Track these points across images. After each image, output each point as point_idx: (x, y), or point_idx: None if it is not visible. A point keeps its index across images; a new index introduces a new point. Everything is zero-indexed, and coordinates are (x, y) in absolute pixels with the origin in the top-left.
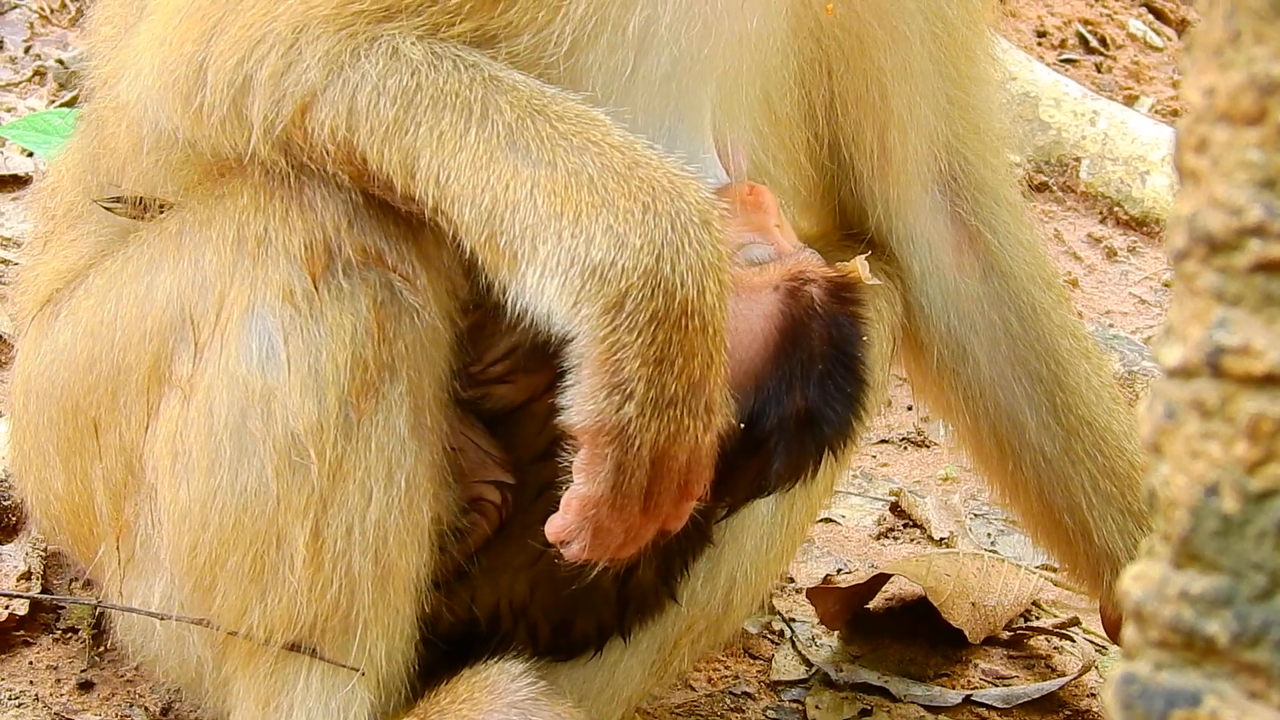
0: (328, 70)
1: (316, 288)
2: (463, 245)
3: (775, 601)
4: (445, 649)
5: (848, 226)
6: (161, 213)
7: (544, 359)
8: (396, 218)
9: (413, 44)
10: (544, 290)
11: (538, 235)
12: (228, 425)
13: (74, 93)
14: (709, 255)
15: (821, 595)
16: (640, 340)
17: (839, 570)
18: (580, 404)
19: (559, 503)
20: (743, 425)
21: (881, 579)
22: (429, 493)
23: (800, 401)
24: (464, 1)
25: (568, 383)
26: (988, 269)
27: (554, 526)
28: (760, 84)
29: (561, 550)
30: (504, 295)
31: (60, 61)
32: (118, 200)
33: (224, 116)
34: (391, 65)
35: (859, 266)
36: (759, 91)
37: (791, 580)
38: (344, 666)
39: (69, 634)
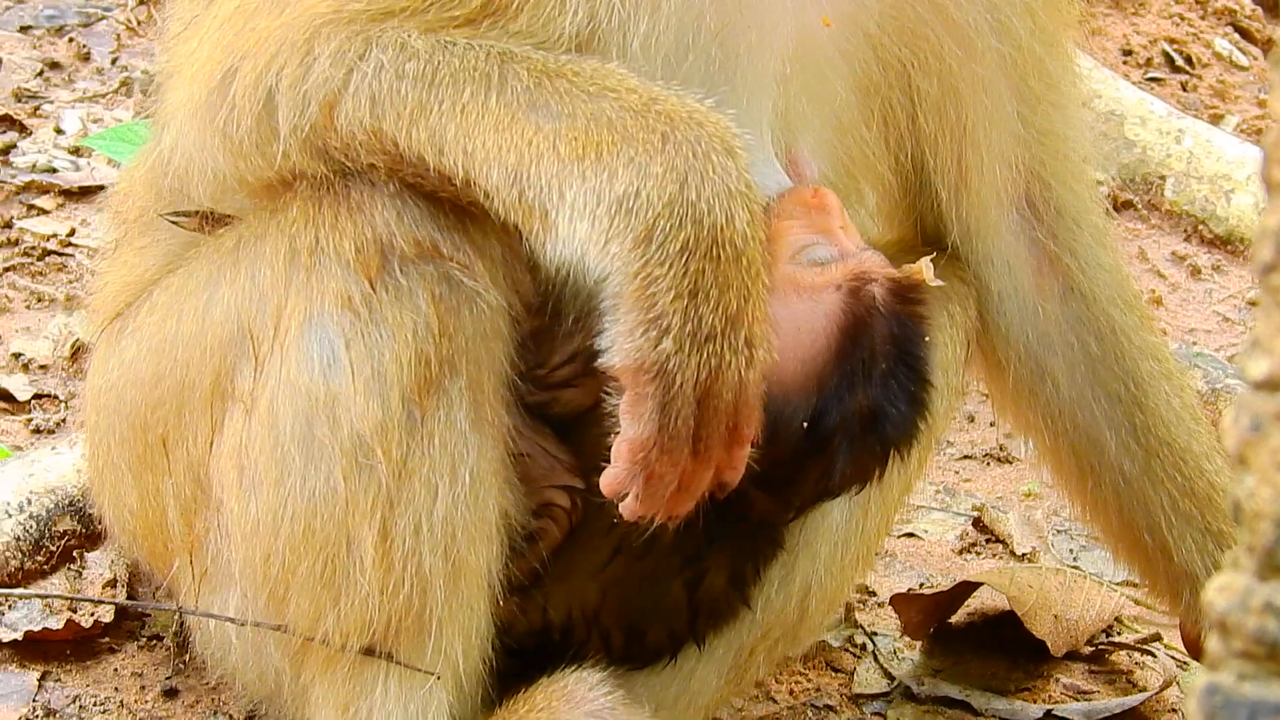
0: (344, 67)
1: (374, 289)
2: (499, 213)
3: (857, 615)
4: (522, 658)
5: (927, 239)
6: (225, 225)
7: None
8: (446, 207)
9: (418, 37)
10: (575, 234)
11: (563, 181)
12: (294, 435)
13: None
14: (735, 182)
15: (905, 603)
16: (672, 272)
17: (921, 584)
18: (618, 343)
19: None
20: (805, 425)
21: (965, 588)
22: (494, 487)
23: (863, 400)
24: (454, 12)
25: (605, 325)
26: (1067, 291)
27: (607, 478)
28: (819, 100)
29: (619, 506)
30: (543, 254)
31: (146, 73)
32: (184, 214)
33: (254, 133)
34: (404, 54)
35: (923, 267)
36: (822, 100)
37: (873, 594)
38: (420, 670)
39: (154, 641)
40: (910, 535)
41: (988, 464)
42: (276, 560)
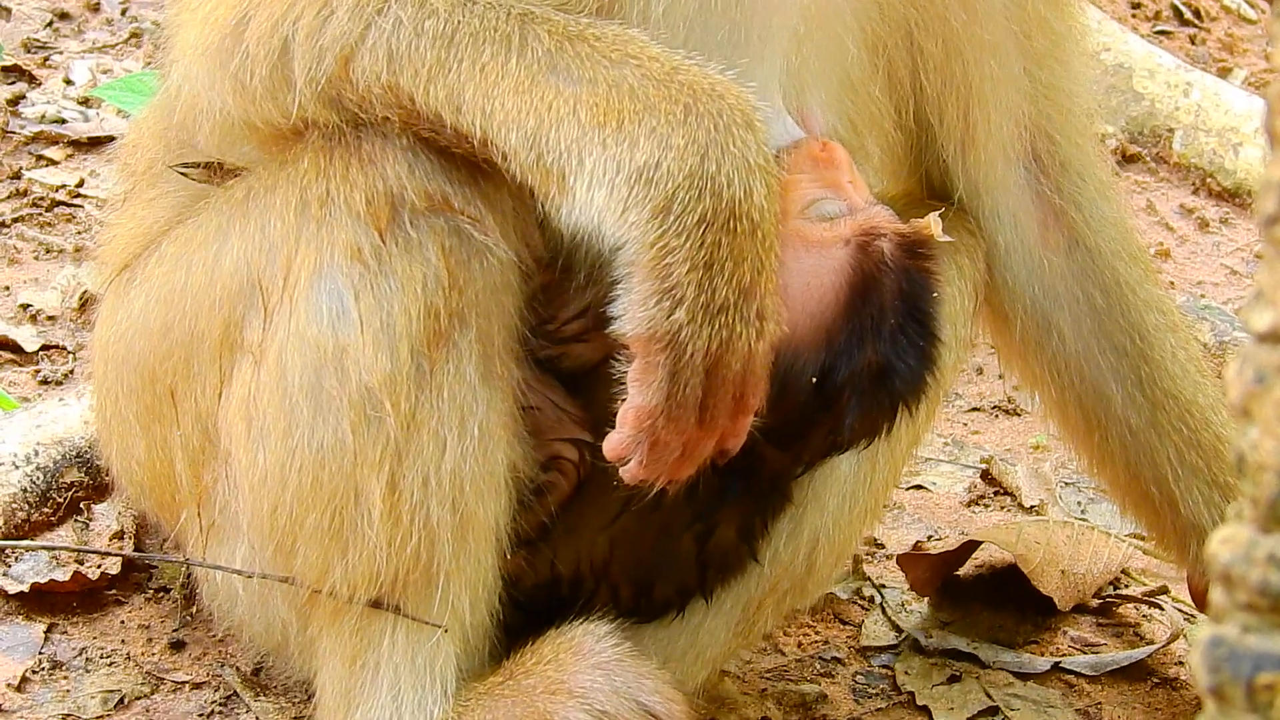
0: (362, 21)
1: (384, 241)
2: (515, 175)
3: (865, 567)
4: (530, 611)
5: (933, 193)
6: (234, 177)
7: None
8: (458, 161)
9: None
10: (593, 201)
11: (583, 148)
12: (302, 386)
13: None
14: (754, 156)
15: (911, 562)
16: (689, 244)
17: (929, 537)
18: (631, 312)
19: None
20: (814, 380)
21: (971, 546)
22: (503, 440)
23: (872, 356)
24: None
25: (618, 292)
26: (1072, 244)
27: (611, 442)
28: (829, 58)
29: (620, 470)
30: (558, 218)
31: (156, 23)
32: (192, 165)
33: (268, 82)
34: (423, 11)
35: (932, 223)
36: (832, 57)
37: (881, 546)
38: (427, 623)
39: (161, 593)
40: (918, 487)
41: (996, 416)
42: (284, 512)
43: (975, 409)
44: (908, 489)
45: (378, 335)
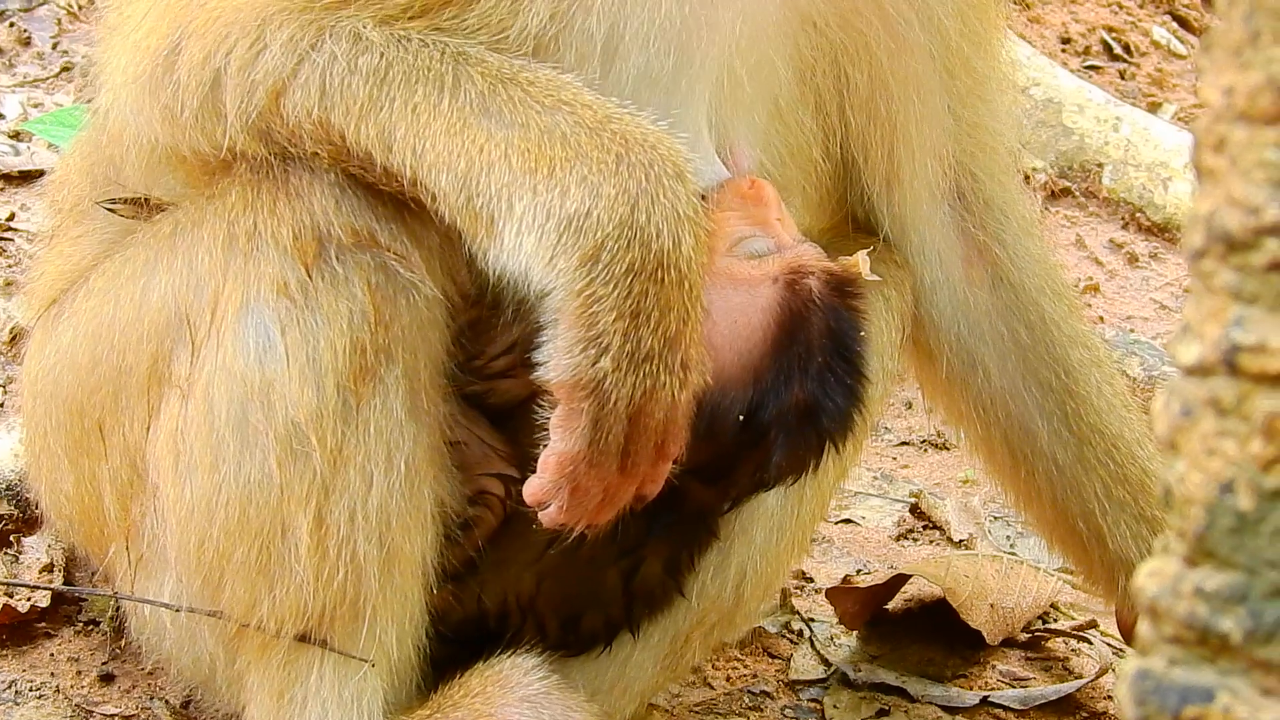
0: (295, 55)
1: (310, 276)
2: (444, 216)
3: (794, 601)
4: (457, 645)
5: (859, 228)
6: (160, 212)
7: None
8: (385, 198)
9: (373, 29)
10: (521, 247)
11: (513, 193)
12: (229, 420)
13: None
14: (684, 207)
15: (840, 595)
16: (616, 293)
17: (859, 571)
18: (556, 358)
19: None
20: (742, 418)
21: (900, 580)
22: (429, 475)
23: (799, 394)
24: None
25: (544, 338)
26: (997, 281)
27: (531, 487)
28: (760, 83)
29: (539, 514)
30: (485, 261)
31: (88, 58)
32: (119, 201)
33: (198, 113)
34: (358, 47)
35: (860, 261)
36: (760, 91)
37: (810, 580)
38: (354, 658)
39: (90, 626)
40: (847, 521)
41: (925, 450)
42: (211, 546)
43: (904, 443)
44: (836, 523)
45: (304, 370)
